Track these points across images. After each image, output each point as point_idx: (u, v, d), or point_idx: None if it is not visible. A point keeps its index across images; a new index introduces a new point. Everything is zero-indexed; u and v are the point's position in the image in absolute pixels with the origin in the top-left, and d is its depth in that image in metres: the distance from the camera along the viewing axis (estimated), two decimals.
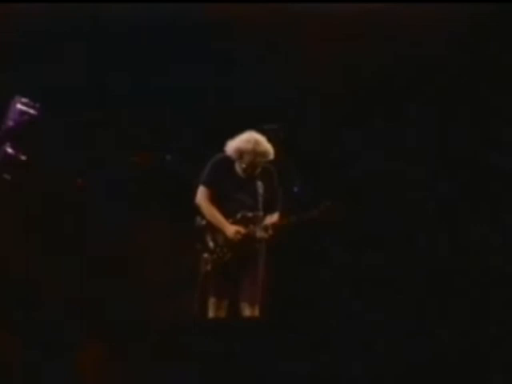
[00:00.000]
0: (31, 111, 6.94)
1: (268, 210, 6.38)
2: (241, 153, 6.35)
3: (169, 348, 5.04)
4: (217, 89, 7.56)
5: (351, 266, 7.32)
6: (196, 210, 6.47)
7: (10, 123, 6.95)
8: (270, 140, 6.40)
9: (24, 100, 6.91)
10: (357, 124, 7.53)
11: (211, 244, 6.42)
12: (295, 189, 6.66)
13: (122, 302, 6.89)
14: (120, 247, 7.43)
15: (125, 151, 7.62)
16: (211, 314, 6.42)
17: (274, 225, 6.33)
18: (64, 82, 7.48)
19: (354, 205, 7.01)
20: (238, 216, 6.36)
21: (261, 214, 6.34)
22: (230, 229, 6.32)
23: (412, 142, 7.55)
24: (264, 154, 6.33)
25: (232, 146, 6.38)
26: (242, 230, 6.30)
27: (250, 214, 6.35)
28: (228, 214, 6.38)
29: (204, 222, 6.43)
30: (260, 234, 6.30)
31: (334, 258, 7.39)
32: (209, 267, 6.39)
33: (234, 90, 7.55)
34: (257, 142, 6.33)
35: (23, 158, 6.99)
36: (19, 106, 6.96)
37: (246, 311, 6.37)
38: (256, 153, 6.32)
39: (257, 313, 6.37)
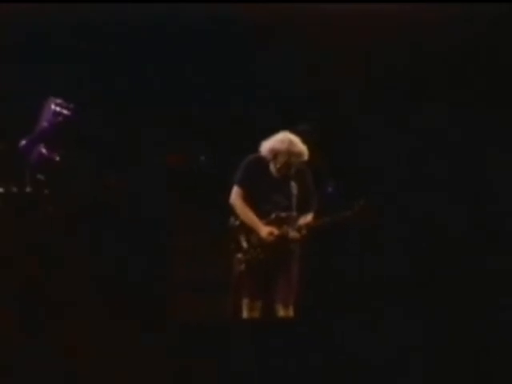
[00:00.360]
0: (65, 112, 6.84)
1: (302, 211, 6.41)
2: (275, 153, 6.37)
3: (202, 348, 5.06)
4: (250, 89, 7.62)
5: (384, 266, 7.46)
6: (230, 210, 6.51)
7: (44, 124, 6.84)
8: (303, 141, 6.43)
9: (58, 101, 6.83)
10: (391, 124, 7.64)
11: (245, 244, 6.43)
12: (329, 189, 6.69)
13: (155, 302, 6.97)
14: (153, 247, 7.50)
15: (159, 152, 7.66)
16: (245, 314, 6.45)
17: (307, 225, 6.37)
18: (97, 81, 7.56)
19: (388, 206, 7.09)
20: (272, 216, 6.38)
21: (294, 214, 6.37)
22: (264, 229, 6.34)
23: (449, 142, 7.66)
24: (298, 154, 6.36)
25: (266, 146, 6.41)
26: (275, 230, 6.33)
27: (283, 215, 6.37)
28: (262, 215, 6.40)
29: (238, 222, 6.45)
30: (293, 234, 6.33)
31: (367, 258, 7.54)
32: (242, 267, 6.40)
33: (267, 90, 7.63)
34: (291, 143, 6.36)
35: (57, 158, 6.94)
36: (53, 106, 6.84)
37: (281, 312, 6.40)
38: (290, 153, 6.34)
39: (291, 313, 6.40)
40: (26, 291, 6.14)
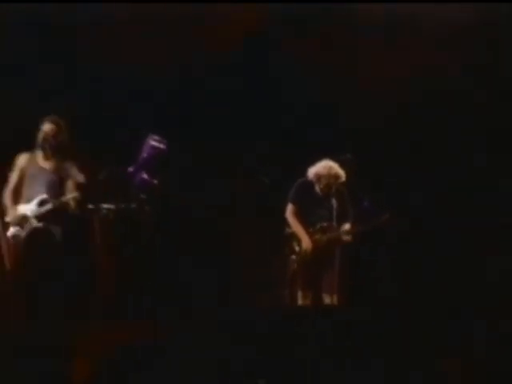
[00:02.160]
0: (161, 146, 7.99)
1: (341, 221, 7.77)
2: (318, 176, 7.70)
3: (267, 331, 6.01)
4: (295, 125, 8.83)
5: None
6: (285, 222, 7.86)
7: (145, 155, 7.99)
8: (342, 166, 7.75)
9: (156, 137, 7.97)
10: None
11: (297, 248, 7.71)
12: (365, 204, 7.75)
13: (233, 294, 8.27)
14: (230, 252, 8.85)
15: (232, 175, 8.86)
16: (299, 302, 7.66)
17: (351, 231, 7.70)
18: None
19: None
20: (317, 226, 7.72)
21: (334, 224, 7.73)
22: (305, 242, 7.68)
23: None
24: (336, 176, 7.70)
25: (312, 171, 7.77)
26: (313, 244, 7.64)
27: (325, 225, 7.73)
28: (309, 225, 7.72)
29: (290, 231, 7.78)
30: (345, 237, 7.70)
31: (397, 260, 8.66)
32: (295, 266, 7.68)
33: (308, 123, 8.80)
34: (331, 168, 7.68)
35: (155, 182, 8.05)
36: (152, 142, 8.01)
37: (326, 300, 7.63)
38: (330, 176, 7.66)
39: (335, 301, 7.61)
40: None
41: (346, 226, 7.74)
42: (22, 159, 7.70)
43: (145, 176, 8.24)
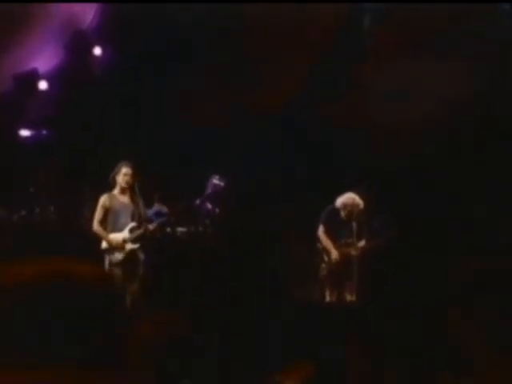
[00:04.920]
0: (221, 184, 10.36)
1: (359, 239, 9.89)
2: (344, 205, 9.81)
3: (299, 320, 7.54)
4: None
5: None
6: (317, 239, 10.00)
7: (209, 191, 10.36)
8: (361, 197, 9.94)
9: (216, 177, 10.30)
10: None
11: (326, 258, 9.88)
12: (376, 224, 9.89)
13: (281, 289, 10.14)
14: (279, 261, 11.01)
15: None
16: (327, 299, 9.71)
17: (361, 248, 9.85)
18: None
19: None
20: (342, 242, 9.83)
21: (355, 241, 9.83)
22: (333, 254, 9.78)
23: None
24: (357, 205, 9.85)
25: (339, 201, 9.93)
26: (338, 257, 9.72)
27: (348, 241, 9.80)
28: (336, 241, 9.83)
29: (321, 246, 9.91)
30: (354, 252, 9.88)
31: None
32: (324, 272, 9.80)
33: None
34: (353, 199, 9.81)
35: (217, 210, 10.36)
36: (214, 181, 10.38)
37: (348, 297, 9.65)
38: (353, 205, 9.85)
39: (354, 298, 9.59)
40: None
41: (362, 243, 9.84)
42: (103, 199, 9.12)
43: (209, 206, 10.53)
